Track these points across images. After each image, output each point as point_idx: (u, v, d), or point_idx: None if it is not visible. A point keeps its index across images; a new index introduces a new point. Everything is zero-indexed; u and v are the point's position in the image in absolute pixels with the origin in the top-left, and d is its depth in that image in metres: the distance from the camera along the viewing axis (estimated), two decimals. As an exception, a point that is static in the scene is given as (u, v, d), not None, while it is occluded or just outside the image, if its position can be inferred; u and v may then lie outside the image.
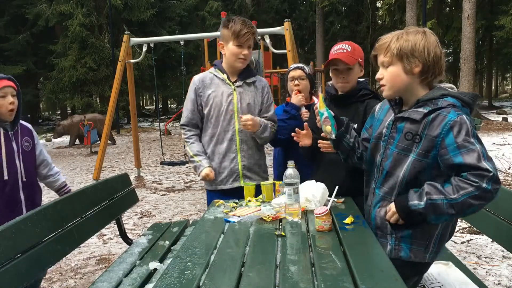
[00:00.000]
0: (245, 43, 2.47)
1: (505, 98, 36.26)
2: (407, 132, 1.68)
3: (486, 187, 1.51)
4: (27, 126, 2.58)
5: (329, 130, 1.92)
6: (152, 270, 2.25)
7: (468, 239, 3.95)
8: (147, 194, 6.66)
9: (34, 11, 19.53)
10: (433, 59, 1.63)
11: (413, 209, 1.63)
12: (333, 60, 2.24)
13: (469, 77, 13.55)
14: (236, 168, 2.59)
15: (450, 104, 1.61)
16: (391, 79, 1.69)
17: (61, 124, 13.88)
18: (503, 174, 6.60)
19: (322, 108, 1.92)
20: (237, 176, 2.60)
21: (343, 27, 26.66)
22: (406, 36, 1.65)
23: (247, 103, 2.58)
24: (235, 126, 2.56)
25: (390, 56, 1.67)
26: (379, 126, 1.86)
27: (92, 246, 4.25)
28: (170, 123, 19.22)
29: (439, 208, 1.58)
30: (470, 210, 1.58)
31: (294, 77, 2.78)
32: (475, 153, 1.53)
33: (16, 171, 2.40)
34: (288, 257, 1.48)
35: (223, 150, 2.58)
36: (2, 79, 2.36)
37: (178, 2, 23.41)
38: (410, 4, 14.80)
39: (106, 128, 7.34)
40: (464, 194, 1.53)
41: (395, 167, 1.72)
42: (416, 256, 1.72)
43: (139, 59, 7.95)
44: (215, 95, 2.56)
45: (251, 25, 2.51)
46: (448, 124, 1.57)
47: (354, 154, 1.98)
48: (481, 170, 1.51)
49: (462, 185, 1.55)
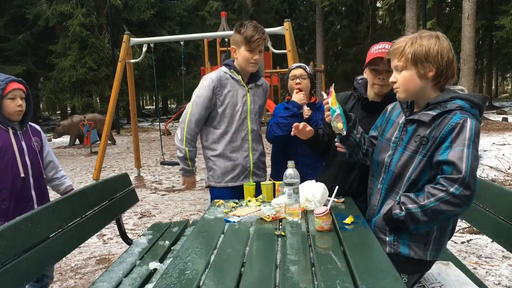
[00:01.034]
0: (256, 48, 2.57)
1: (505, 98, 36.26)
2: (416, 134, 1.71)
3: (454, 191, 1.53)
4: (36, 128, 2.67)
5: (340, 127, 1.91)
6: (152, 270, 2.26)
7: (468, 239, 3.95)
8: (147, 194, 6.65)
9: (34, 11, 19.51)
10: (446, 63, 1.65)
11: (395, 218, 1.69)
12: (375, 60, 2.13)
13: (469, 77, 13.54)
14: (248, 165, 2.71)
15: (459, 107, 1.62)
16: (405, 83, 1.71)
17: (61, 124, 13.87)
18: (503, 174, 6.60)
19: (334, 105, 1.90)
20: (248, 173, 2.72)
21: (343, 27, 26.66)
22: (420, 41, 1.66)
23: (258, 105, 2.76)
24: (248, 126, 2.69)
25: (405, 61, 1.69)
26: (390, 128, 1.88)
27: (92, 246, 4.25)
28: (170, 123, 19.21)
29: (415, 217, 1.63)
30: (442, 217, 1.60)
31: (296, 75, 2.79)
32: (459, 153, 1.55)
33: (27, 169, 2.47)
34: (288, 257, 1.48)
35: (237, 148, 2.68)
36: (13, 81, 2.43)
37: (178, 2, 23.40)
38: (410, 4, 14.79)
39: (106, 128, 7.33)
40: (434, 200, 1.57)
41: (402, 169, 1.74)
42: (416, 253, 1.73)
43: (139, 59, 7.94)
44: (231, 94, 2.64)
45: (262, 30, 2.60)
46: (450, 126, 1.59)
47: (360, 150, 2.00)
48: (456, 170, 1.53)
49: (432, 191, 1.59)
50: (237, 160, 2.67)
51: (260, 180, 2.73)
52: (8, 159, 2.39)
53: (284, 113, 2.72)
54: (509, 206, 1.99)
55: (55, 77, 19.64)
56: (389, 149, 1.83)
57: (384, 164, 1.84)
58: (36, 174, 2.53)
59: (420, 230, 1.68)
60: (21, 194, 2.44)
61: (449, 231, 1.81)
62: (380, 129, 1.96)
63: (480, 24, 19.01)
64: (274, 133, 2.72)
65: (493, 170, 6.92)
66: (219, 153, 2.67)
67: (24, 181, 2.45)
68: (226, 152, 2.66)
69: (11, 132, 2.44)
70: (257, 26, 2.60)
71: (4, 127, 2.43)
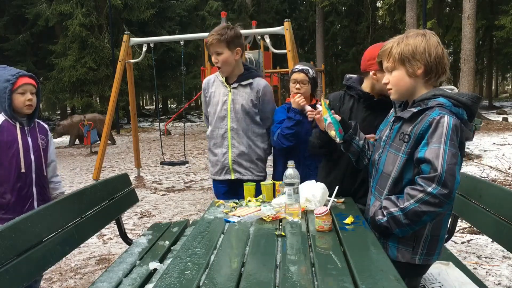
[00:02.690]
0: (212, 51, 2.71)
1: (505, 98, 36.26)
2: (400, 132, 1.71)
3: (431, 191, 1.52)
4: (44, 126, 2.67)
5: (333, 135, 1.98)
6: (152, 270, 2.25)
7: (468, 239, 3.95)
8: (147, 194, 6.65)
9: (34, 11, 19.50)
10: (434, 59, 1.65)
11: (379, 224, 1.69)
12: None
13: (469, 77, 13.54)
14: (226, 162, 2.86)
15: (439, 104, 1.62)
16: (396, 83, 1.72)
17: (61, 124, 13.87)
18: (503, 174, 6.60)
19: (325, 114, 1.98)
20: (228, 170, 2.88)
21: (343, 27, 26.64)
22: (406, 40, 1.68)
23: (241, 104, 2.80)
24: (227, 124, 2.82)
25: (393, 61, 1.70)
26: (384, 127, 1.89)
27: (92, 246, 4.25)
28: (170, 123, 19.21)
29: (398, 221, 1.62)
30: (424, 219, 1.59)
31: (297, 80, 2.75)
32: (435, 151, 1.54)
33: (31, 165, 2.48)
34: (288, 257, 1.48)
35: (218, 145, 2.88)
36: (23, 76, 2.43)
37: (178, 2, 23.39)
38: (410, 4, 14.78)
39: (106, 128, 7.33)
40: (414, 201, 1.56)
41: (388, 167, 1.74)
42: (403, 256, 1.72)
43: (139, 59, 7.94)
44: (214, 94, 2.88)
45: (216, 32, 2.69)
46: (428, 121, 1.59)
47: (365, 156, 2.00)
48: (433, 168, 1.53)
49: (411, 193, 1.58)
50: (218, 156, 2.89)
51: (243, 177, 2.82)
52: (13, 154, 2.40)
53: (288, 123, 2.70)
54: (509, 206, 1.99)
55: (55, 77, 19.63)
56: (380, 148, 1.84)
57: (374, 163, 1.85)
58: (38, 171, 2.52)
59: (405, 233, 1.67)
60: (23, 190, 2.44)
61: (443, 234, 1.77)
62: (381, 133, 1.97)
63: (480, 24, 19.01)
64: (283, 144, 2.72)
65: (493, 170, 6.92)
66: (208, 148, 2.98)
67: (27, 177, 2.45)
68: (211, 148, 2.93)
69: (18, 127, 2.44)
70: (217, 28, 2.74)
71: (13, 122, 2.43)
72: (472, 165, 7.51)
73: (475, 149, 9.06)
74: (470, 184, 2.44)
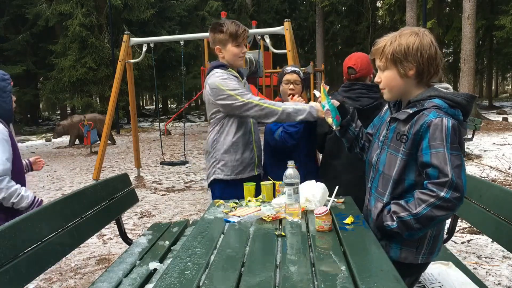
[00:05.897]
0: (242, 42, 2.64)
1: (505, 98, 36.25)
2: (396, 132, 1.71)
3: (445, 195, 1.52)
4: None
5: (330, 122, 2.01)
6: (152, 270, 2.25)
7: (468, 239, 3.95)
8: (147, 194, 6.65)
9: (34, 11, 19.51)
10: (427, 60, 1.63)
11: (388, 229, 1.67)
12: None
13: (469, 77, 13.55)
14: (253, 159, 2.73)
15: (435, 106, 1.61)
16: (388, 83, 1.71)
17: (61, 124, 13.88)
18: (503, 174, 6.60)
19: (323, 100, 2.00)
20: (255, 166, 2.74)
21: (343, 27, 26.65)
22: (399, 40, 1.65)
23: None
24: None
25: (385, 61, 1.68)
26: (381, 126, 1.88)
27: (92, 246, 4.25)
28: (170, 123, 19.21)
29: (409, 225, 1.61)
30: (435, 222, 1.59)
31: (290, 81, 2.79)
32: (441, 156, 1.54)
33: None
34: (288, 257, 1.48)
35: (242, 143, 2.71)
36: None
37: (178, 2, 23.39)
38: (410, 4, 14.79)
39: (106, 128, 7.33)
40: (426, 206, 1.55)
41: (388, 168, 1.73)
42: (407, 257, 1.72)
43: (139, 59, 7.94)
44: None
45: (241, 24, 2.67)
46: (426, 124, 1.58)
47: (357, 144, 2.02)
48: (442, 174, 1.52)
49: (423, 198, 1.57)
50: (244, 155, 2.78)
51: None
52: (17, 154, 2.42)
53: (291, 122, 2.69)
54: (509, 206, 1.99)
55: (55, 77, 19.64)
56: (378, 148, 1.83)
57: (372, 163, 1.84)
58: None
59: (414, 236, 1.66)
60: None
61: (443, 232, 1.79)
62: (375, 129, 1.96)
63: (480, 24, 19.02)
64: (287, 142, 2.71)
65: (493, 170, 6.93)
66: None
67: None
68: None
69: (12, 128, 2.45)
70: (236, 21, 2.68)
71: (7, 125, 2.39)
72: (472, 165, 7.51)
73: (475, 149, 9.07)
74: (470, 184, 2.42)
